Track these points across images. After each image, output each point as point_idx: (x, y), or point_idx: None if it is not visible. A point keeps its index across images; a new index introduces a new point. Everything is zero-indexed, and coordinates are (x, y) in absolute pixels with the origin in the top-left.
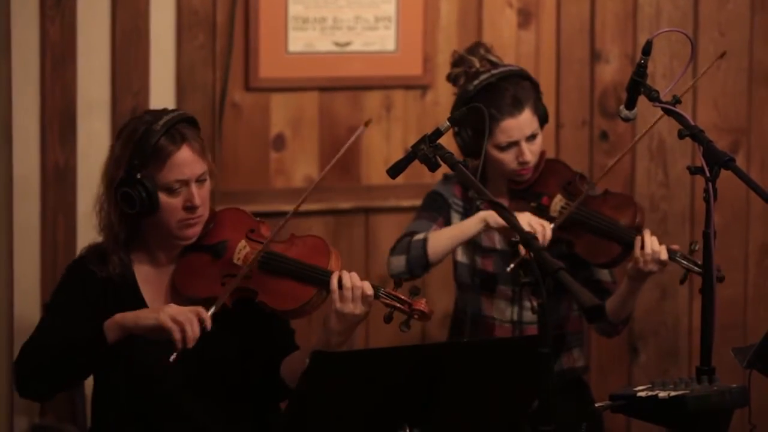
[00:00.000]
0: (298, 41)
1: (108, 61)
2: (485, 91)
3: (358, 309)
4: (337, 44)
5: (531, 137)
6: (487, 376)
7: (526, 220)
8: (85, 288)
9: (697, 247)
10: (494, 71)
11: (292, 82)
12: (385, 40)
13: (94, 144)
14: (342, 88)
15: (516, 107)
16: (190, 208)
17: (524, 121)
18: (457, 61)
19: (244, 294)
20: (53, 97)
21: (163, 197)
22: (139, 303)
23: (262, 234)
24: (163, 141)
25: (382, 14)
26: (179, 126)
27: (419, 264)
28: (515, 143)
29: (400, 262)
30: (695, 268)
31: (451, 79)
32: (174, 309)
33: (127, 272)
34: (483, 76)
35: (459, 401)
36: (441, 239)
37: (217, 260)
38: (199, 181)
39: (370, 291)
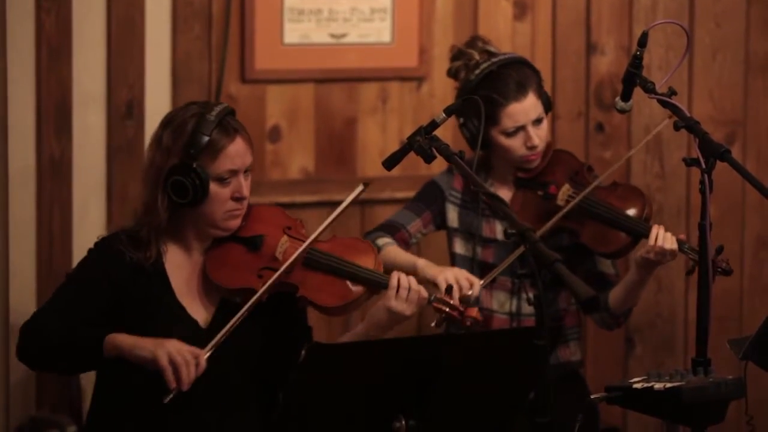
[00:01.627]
0: (293, 33)
1: (103, 54)
2: (487, 79)
3: (409, 310)
4: (332, 36)
5: (537, 121)
6: (484, 367)
7: (454, 274)
8: (111, 267)
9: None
10: (494, 59)
11: (287, 73)
12: (380, 31)
13: (90, 136)
14: (338, 80)
15: (520, 91)
16: (238, 198)
17: (529, 105)
18: (456, 55)
19: (283, 289)
20: (49, 90)
21: (213, 187)
22: (166, 286)
23: (299, 231)
24: (217, 132)
25: (377, 6)
26: (229, 118)
27: None
28: (522, 128)
29: None
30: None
31: (452, 73)
32: (173, 347)
33: (158, 259)
34: (484, 65)
35: (455, 393)
36: (390, 259)
37: (254, 253)
38: (247, 172)
39: (425, 295)
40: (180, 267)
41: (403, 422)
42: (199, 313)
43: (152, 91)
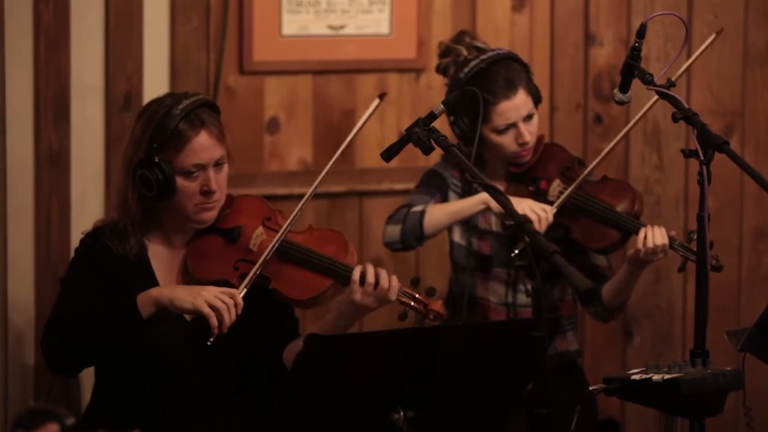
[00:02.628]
0: (292, 24)
1: (102, 45)
2: (477, 77)
3: (374, 303)
4: (331, 27)
5: (528, 117)
6: (481, 359)
7: (528, 206)
8: (100, 261)
9: (695, 237)
10: (483, 57)
11: (286, 65)
12: (379, 23)
13: (88, 128)
14: (336, 72)
15: (510, 89)
16: (206, 192)
17: (519, 102)
18: (444, 51)
19: (257, 281)
20: (47, 81)
21: (180, 181)
22: (152, 282)
23: (278, 223)
24: (182, 125)
25: None
26: (198, 111)
27: (413, 235)
28: (513, 125)
29: (395, 231)
30: (692, 256)
31: (441, 69)
32: (211, 293)
33: (142, 252)
34: (473, 63)
35: (453, 384)
36: (439, 214)
37: (232, 245)
38: (217, 165)
39: (394, 286)
40: (163, 260)
41: (402, 413)
42: None
43: (150, 83)
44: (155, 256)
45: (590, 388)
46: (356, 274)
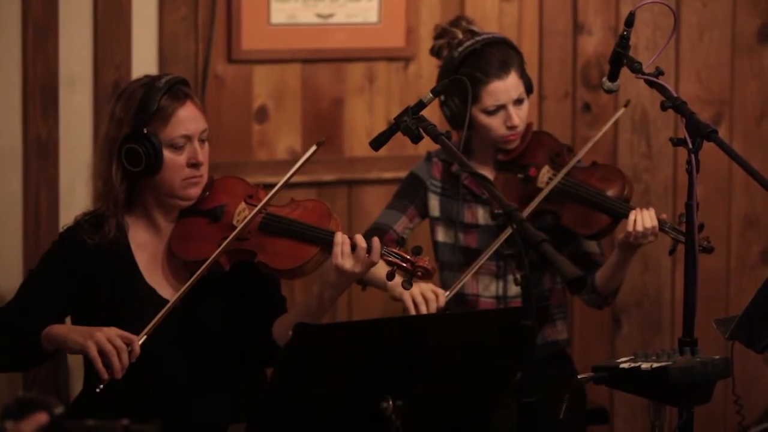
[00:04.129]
0: (280, 13)
1: (90, 34)
2: (470, 56)
3: (358, 267)
4: (319, 16)
5: (518, 101)
6: (470, 347)
7: (420, 289)
8: (74, 257)
9: (685, 219)
10: (478, 38)
11: (274, 53)
12: (367, 11)
13: (77, 117)
14: (325, 60)
15: (502, 69)
16: (194, 164)
17: (511, 84)
18: (440, 33)
19: (242, 256)
20: (35, 70)
21: (167, 154)
22: (133, 268)
23: (259, 198)
24: (167, 98)
25: None
26: (179, 85)
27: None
28: (502, 107)
29: None
30: (683, 238)
31: (435, 51)
32: (104, 335)
33: (122, 237)
34: (467, 43)
35: (442, 373)
36: (370, 277)
37: (215, 223)
38: (201, 140)
39: (377, 253)
40: (146, 246)
41: (390, 402)
42: (169, 292)
43: (139, 72)
44: (136, 241)
45: (579, 377)
46: (338, 237)
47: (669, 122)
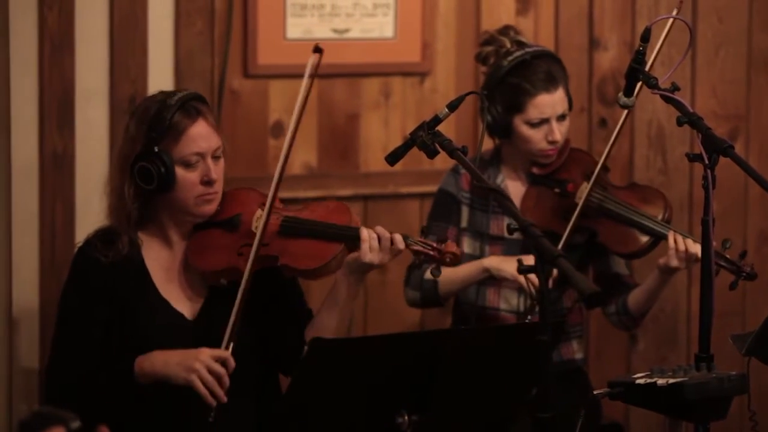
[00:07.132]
0: (296, 28)
1: (106, 49)
2: (519, 66)
3: (386, 258)
4: (335, 31)
5: (561, 117)
6: (486, 363)
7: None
8: (91, 280)
9: (729, 245)
10: (528, 49)
11: (290, 68)
12: (383, 26)
13: (93, 131)
14: (340, 75)
15: (551, 83)
16: (207, 182)
17: (557, 99)
18: (488, 40)
19: (264, 263)
20: (51, 85)
21: (180, 172)
22: (147, 284)
23: (274, 204)
24: (179, 115)
25: (380, 1)
26: (193, 102)
27: (433, 302)
28: (546, 120)
29: (416, 296)
30: (731, 266)
31: (481, 58)
32: (202, 365)
33: (135, 253)
34: (517, 53)
35: (458, 388)
36: (450, 285)
37: (233, 232)
38: (215, 157)
39: (401, 244)
40: (160, 260)
41: (406, 417)
42: (185, 305)
43: (155, 87)
44: (150, 256)
45: (594, 392)
46: (365, 233)
47: (685, 138)
